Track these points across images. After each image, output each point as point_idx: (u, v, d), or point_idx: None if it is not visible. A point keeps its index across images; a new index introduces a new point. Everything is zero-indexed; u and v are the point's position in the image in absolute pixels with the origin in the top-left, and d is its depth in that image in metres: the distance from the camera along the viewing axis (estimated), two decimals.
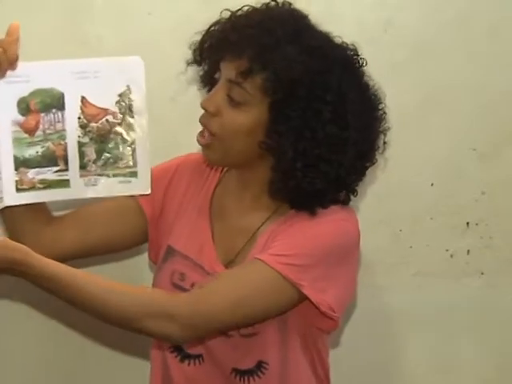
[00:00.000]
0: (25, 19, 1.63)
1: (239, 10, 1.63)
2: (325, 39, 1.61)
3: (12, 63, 1.58)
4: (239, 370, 1.66)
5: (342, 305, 1.64)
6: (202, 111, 1.62)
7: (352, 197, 1.68)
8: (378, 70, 1.67)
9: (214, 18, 1.63)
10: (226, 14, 1.63)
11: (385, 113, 1.67)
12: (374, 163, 1.68)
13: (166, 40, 1.72)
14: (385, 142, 1.68)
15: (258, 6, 1.62)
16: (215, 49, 1.62)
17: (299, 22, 1.61)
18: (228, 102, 1.59)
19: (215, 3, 1.67)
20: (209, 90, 1.67)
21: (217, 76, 1.64)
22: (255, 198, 1.67)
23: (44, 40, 2.00)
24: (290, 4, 1.65)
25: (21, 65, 1.59)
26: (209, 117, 1.61)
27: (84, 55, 1.74)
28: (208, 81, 1.68)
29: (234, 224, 1.68)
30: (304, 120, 1.56)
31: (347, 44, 1.63)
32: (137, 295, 1.54)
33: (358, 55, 1.63)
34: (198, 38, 1.64)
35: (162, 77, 1.69)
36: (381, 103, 1.66)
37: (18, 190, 1.61)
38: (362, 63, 1.64)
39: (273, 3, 1.65)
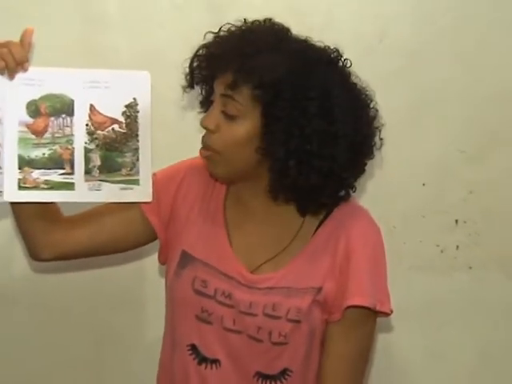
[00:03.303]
0: (44, 29, 1.63)
1: (220, 29, 1.60)
2: (305, 44, 1.58)
3: (20, 64, 1.55)
4: (263, 374, 1.64)
5: None
6: None
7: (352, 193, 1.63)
8: (374, 77, 1.64)
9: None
10: (211, 37, 1.60)
11: (376, 110, 1.62)
12: (371, 158, 1.63)
13: (175, 51, 1.71)
14: (381, 138, 1.64)
15: (238, 23, 1.60)
16: (203, 67, 1.60)
17: (279, 33, 1.58)
18: (224, 117, 1.56)
19: (221, 16, 1.66)
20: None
21: (213, 98, 1.60)
22: (272, 206, 1.63)
23: (61, 49, 2.01)
24: (270, 19, 1.61)
25: (35, 69, 1.57)
26: (209, 135, 1.58)
27: (98, 65, 1.71)
28: (207, 104, 1.65)
29: (259, 232, 1.65)
30: (292, 119, 1.51)
31: (329, 47, 1.59)
32: None
33: (341, 56, 1.59)
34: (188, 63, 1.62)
35: (171, 86, 1.68)
36: (371, 101, 1.61)
37: (20, 187, 1.58)
38: (346, 63, 1.59)
39: (254, 20, 1.61)
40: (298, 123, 1.52)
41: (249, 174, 1.60)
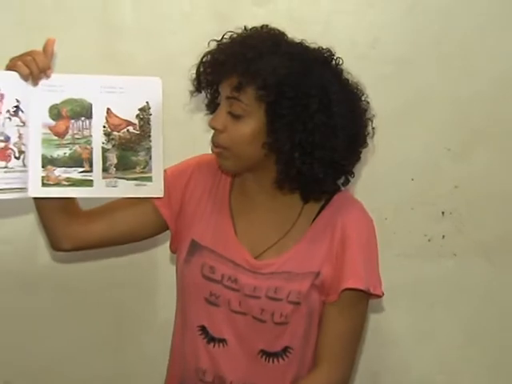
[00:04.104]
0: (65, 39, 1.63)
1: (223, 37, 1.61)
2: (301, 46, 1.59)
3: (43, 71, 1.55)
4: (266, 352, 1.63)
5: None
6: None
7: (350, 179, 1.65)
8: (366, 81, 1.65)
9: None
10: (214, 44, 1.61)
11: (367, 102, 1.63)
12: (365, 147, 1.63)
13: (185, 57, 1.70)
14: (373, 128, 1.64)
15: (239, 31, 1.60)
16: (209, 73, 1.59)
17: (277, 37, 1.59)
18: (230, 117, 1.56)
19: (227, 25, 1.66)
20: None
21: (218, 100, 1.61)
22: (276, 194, 1.63)
23: (81, 56, 2.00)
24: (267, 25, 1.62)
25: (57, 76, 1.57)
26: (218, 134, 1.58)
27: (115, 71, 1.72)
28: (213, 107, 1.65)
29: (262, 220, 1.64)
30: (295, 115, 1.52)
31: (322, 48, 1.60)
32: None
33: (333, 55, 1.60)
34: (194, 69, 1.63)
35: (182, 90, 1.68)
36: (363, 94, 1.62)
37: (43, 184, 1.58)
38: (339, 62, 1.60)
39: (252, 27, 1.61)
40: (300, 119, 1.52)
41: (256, 167, 1.60)
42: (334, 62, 1.60)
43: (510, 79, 2.16)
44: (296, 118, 1.52)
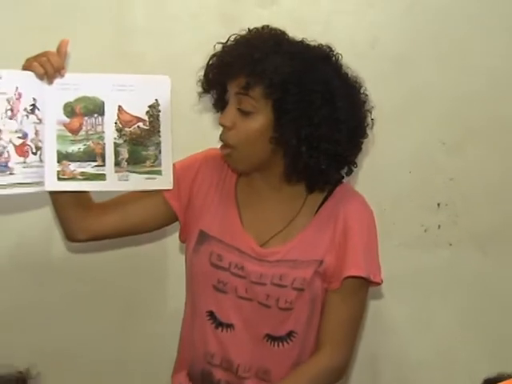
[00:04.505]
0: (79, 39, 1.64)
1: (228, 40, 1.61)
2: (302, 44, 1.60)
3: (58, 71, 1.55)
4: (271, 336, 1.65)
5: None
6: None
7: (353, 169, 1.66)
8: (366, 79, 1.65)
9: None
10: (219, 47, 1.62)
11: (366, 95, 1.63)
12: (366, 137, 1.65)
13: (195, 55, 1.70)
14: (372, 119, 1.65)
15: (243, 33, 1.61)
16: (217, 74, 1.60)
17: (278, 37, 1.60)
18: (239, 114, 1.57)
19: (233, 26, 1.66)
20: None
21: (226, 98, 1.61)
22: (281, 186, 1.63)
23: (94, 56, 1.99)
24: (268, 26, 1.62)
25: (71, 75, 1.58)
26: (226, 132, 1.59)
27: (126, 70, 1.73)
28: (220, 105, 1.66)
29: (267, 211, 1.65)
30: (300, 110, 1.53)
31: (322, 45, 1.61)
32: (311, 377, 1.61)
33: (333, 52, 1.61)
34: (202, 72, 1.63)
35: (190, 87, 1.68)
36: (361, 87, 1.63)
37: (59, 178, 1.58)
38: (338, 57, 1.61)
39: (253, 28, 1.62)
40: (306, 114, 1.54)
41: (264, 163, 1.61)
42: (333, 57, 1.61)
43: (502, 78, 2.16)
44: (301, 113, 1.53)
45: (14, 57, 1.56)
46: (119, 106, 1.62)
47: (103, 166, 1.61)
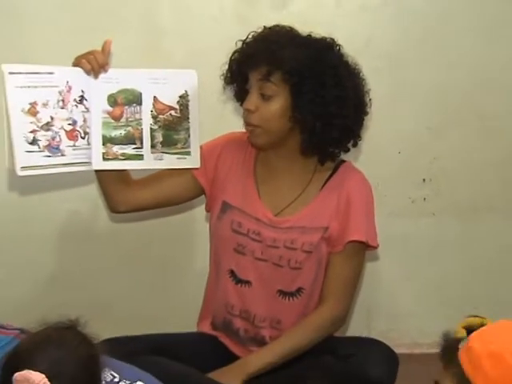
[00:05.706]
0: (117, 39, 1.65)
1: (247, 37, 1.63)
2: (311, 37, 1.62)
3: (102, 67, 1.57)
4: (283, 292, 1.67)
5: None
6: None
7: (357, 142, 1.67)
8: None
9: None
10: (240, 44, 1.64)
11: (364, 79, 1.65)
12: (367, 114, 1.66)
13: (217, 52, 1.71)
14: (370, 99, 1.66)
15: (260, 30, 1.63)
16: (241, 65, 1.62)
17: (290, 32, 1.62)
18: (262, 98, 1.59)
19: (249, 26, 1.67)
20: (243, 101, 1.65)
21: (247, 87, 1.62)
22: (293, 164, 1.65)
23: (131, 53, 2.00)
24: (278, 24, 1.63)
25: (113, 70, 1.60)
26: (250, 114, 1.61)
27: (158, 65, 1.73)
28: (240, 96, 1.67)
29: (280, 185, 1.67)
30: (314, 91, 1.56)
31: (326, 37, 1.63)
32: (316, 325, 1.62)
33: (335, 42, 1.63)
34: (225, 66, 1.65)
35: (214, 79, 1.70)
36: (360, 72, 1.65)
37: (104, 159, 1.60)
38: (340, 47, 1.63)
39: (268, 26, 1.64)
40: (319, 94, 1.57)
41: (281, 140, 1.63)
42: (337, 47, 1.64)
43: (479, 72, 2.16)
44: (315, 93, 1.56)
45: (66, 55, 1.59)
46: (154, 97, 1.63)
47: (141, 148, 1.63)
